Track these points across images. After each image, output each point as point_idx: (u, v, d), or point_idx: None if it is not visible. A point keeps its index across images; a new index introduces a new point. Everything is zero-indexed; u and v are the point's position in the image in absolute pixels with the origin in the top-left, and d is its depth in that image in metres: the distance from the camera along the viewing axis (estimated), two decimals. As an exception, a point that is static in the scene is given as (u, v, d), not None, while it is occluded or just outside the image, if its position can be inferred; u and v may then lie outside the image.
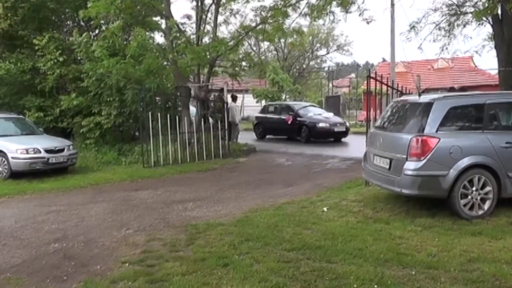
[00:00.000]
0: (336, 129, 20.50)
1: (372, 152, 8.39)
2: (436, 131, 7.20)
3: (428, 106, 7.45)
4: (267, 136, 22.94)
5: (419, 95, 8.08)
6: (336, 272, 5.02)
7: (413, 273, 5.06)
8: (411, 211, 7.66)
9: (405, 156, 7.26)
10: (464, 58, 35.46)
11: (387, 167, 7.69)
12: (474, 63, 38.24)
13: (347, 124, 21.81)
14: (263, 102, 35.66)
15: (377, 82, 10.52)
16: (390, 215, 7.54)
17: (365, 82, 41.36)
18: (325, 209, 8.06)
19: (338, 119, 21.88)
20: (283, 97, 32.89)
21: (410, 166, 7.18)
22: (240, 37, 16.72)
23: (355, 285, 4.70)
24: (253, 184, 11.32)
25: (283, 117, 21.72)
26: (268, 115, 23.08)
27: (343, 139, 20.92)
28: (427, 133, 7.19)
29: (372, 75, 10.30)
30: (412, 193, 7.34)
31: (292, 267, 5.21)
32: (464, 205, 7.18)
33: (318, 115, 21.56)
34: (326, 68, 51.75)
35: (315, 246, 5.95)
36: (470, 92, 10.15)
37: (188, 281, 4.90)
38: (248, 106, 35.11)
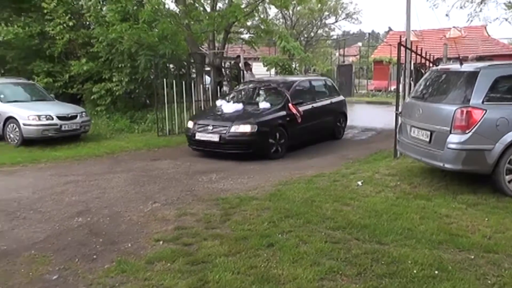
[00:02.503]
0: None
1: (409, 123, 7.88)
2: (482, 102, 6.70)
3: (473, 75, 6.94)
4: None
5: (461, 63, 7.56)
6: (391, 255, 4.63)
7: (472, 257, 4.67)
8: (450, 186, 7.25)
9: (448, 129, 6.79)
10: (477, 27, 34.67)
11: (427, 139, 7.22)
12: (487, 32, 37.40)
13: None
14: (273, 71, 34.95)
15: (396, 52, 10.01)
16: (429, 191, 7.12)
17: (376, 51, 40.88)
18: (359, 183, 7.65)
19: None
20: (294, 66, 32.15)
21: (454, 139, 6.72)
22: (258, 2, 16.09)
23: (414, 271, 4.31)
24: (274, 155, 10.90)
25: None
26: None
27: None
28: (473, 104, 6.69)
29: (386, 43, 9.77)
30: (455, 168, 6.88)
31: (342, 249, 4.81)
32: (509, 182, 6.78)
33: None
34: (335, 37, 50.90)
35: (360, 224, 5.55)
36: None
37: (233, 263, 4.49)
38: (257, 75, 34.40)
